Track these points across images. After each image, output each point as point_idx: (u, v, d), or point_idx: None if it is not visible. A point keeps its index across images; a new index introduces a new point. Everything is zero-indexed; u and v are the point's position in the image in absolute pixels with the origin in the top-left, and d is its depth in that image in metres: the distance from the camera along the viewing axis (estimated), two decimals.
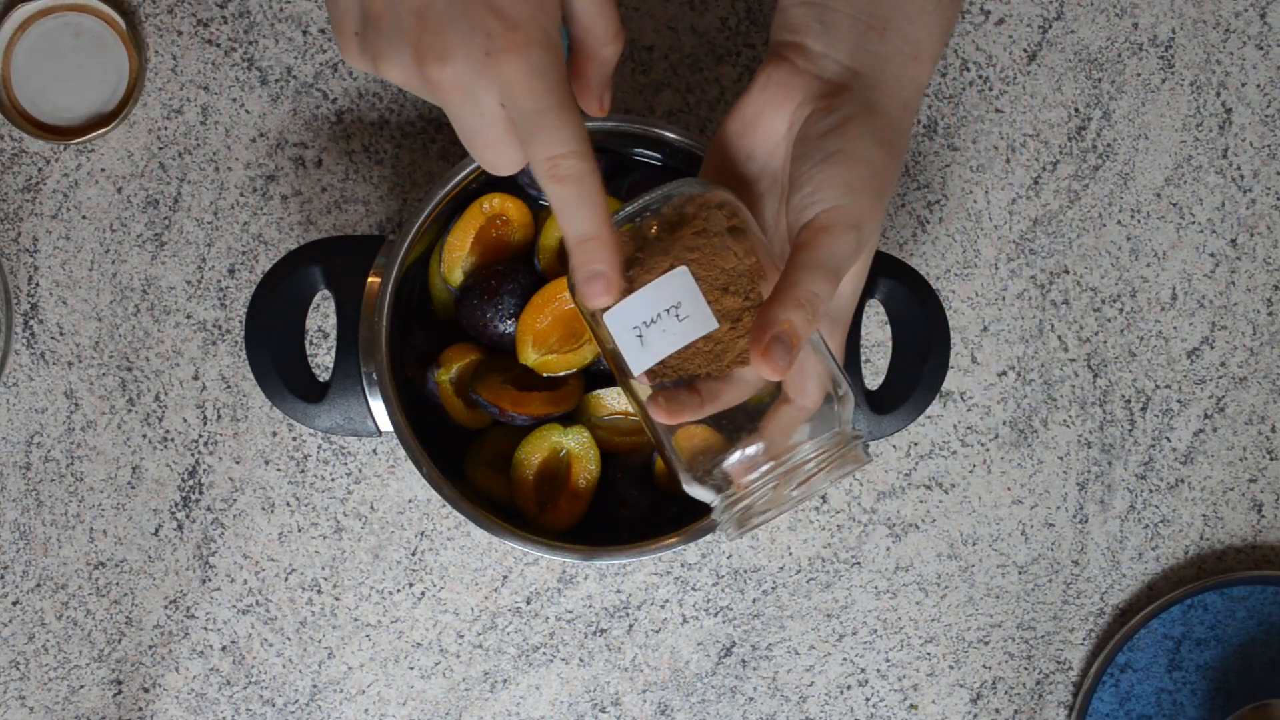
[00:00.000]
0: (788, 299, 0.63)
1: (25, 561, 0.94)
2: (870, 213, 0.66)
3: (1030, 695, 0.95)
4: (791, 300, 0.63)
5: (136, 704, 0.94)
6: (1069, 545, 0.95)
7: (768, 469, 0.66)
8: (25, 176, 0.94)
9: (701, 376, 0.66)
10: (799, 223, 0.66)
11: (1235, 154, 0.96)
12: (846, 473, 0.66)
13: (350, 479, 0.94)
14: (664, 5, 0.94)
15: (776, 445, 0.66)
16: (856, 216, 0.65)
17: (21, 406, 0.94)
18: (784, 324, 0.62)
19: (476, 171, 0.83)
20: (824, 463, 0.65)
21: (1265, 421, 0.96)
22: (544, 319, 0.83)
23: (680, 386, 0.66)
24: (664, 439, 0.68)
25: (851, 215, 0.65)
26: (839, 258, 0.64)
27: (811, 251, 0.64)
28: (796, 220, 0.66)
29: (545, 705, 0.95)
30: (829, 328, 0.72)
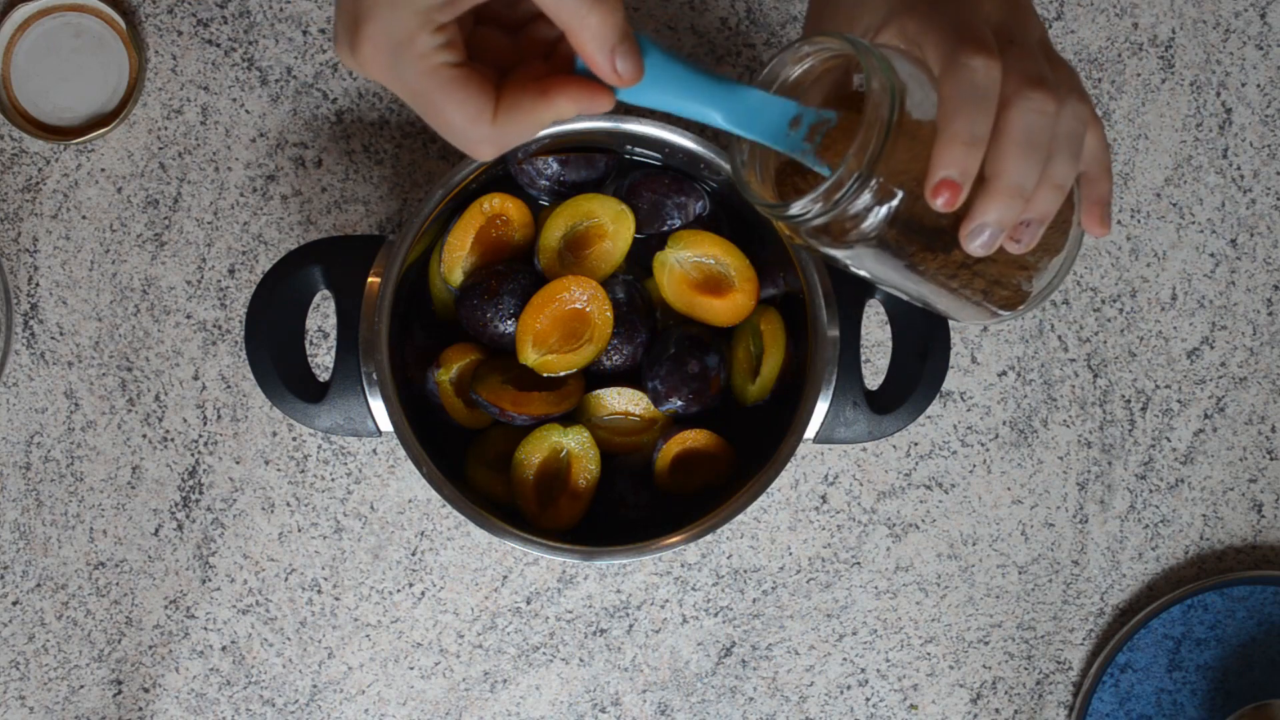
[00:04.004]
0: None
1: (25, 561, 0.94)
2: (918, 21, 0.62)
3: (1030, 695, 0.95)
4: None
5: (136, 704, 0.94)
6: (1069, 545, 0.95)
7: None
8: (25, 176, 0.94)
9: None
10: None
11: (1235, 154, 0.96)
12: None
13: (350, 479, 0.94)
14: (664, 5, 0.94)
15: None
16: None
17: (21, 406, 0.94)
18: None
19: (477, 171, 0.83)
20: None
21: (1265, 421, 0.96)
22: (544, 319, 0.83)
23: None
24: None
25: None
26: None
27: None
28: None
29: (545, 705, 0.95)
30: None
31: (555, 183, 0.85)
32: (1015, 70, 0.61)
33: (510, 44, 0.63)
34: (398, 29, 0.58)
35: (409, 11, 0.58)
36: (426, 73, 0.59)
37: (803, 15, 0.94)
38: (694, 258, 0.85)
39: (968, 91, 0.60)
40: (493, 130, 0.60)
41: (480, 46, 0.62)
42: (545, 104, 0.60)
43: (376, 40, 0.59)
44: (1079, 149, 0.62)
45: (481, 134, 0.60)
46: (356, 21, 0.59)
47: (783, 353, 0.84)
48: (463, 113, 0.59)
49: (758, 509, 0.95)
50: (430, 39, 0.59)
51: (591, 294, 0.83)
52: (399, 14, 0.58)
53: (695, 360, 0.84)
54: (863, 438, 0.84)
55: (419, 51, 0.59)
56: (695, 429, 0.85)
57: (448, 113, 0.59)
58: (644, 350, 0.85)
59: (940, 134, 0.60)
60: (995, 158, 0.60)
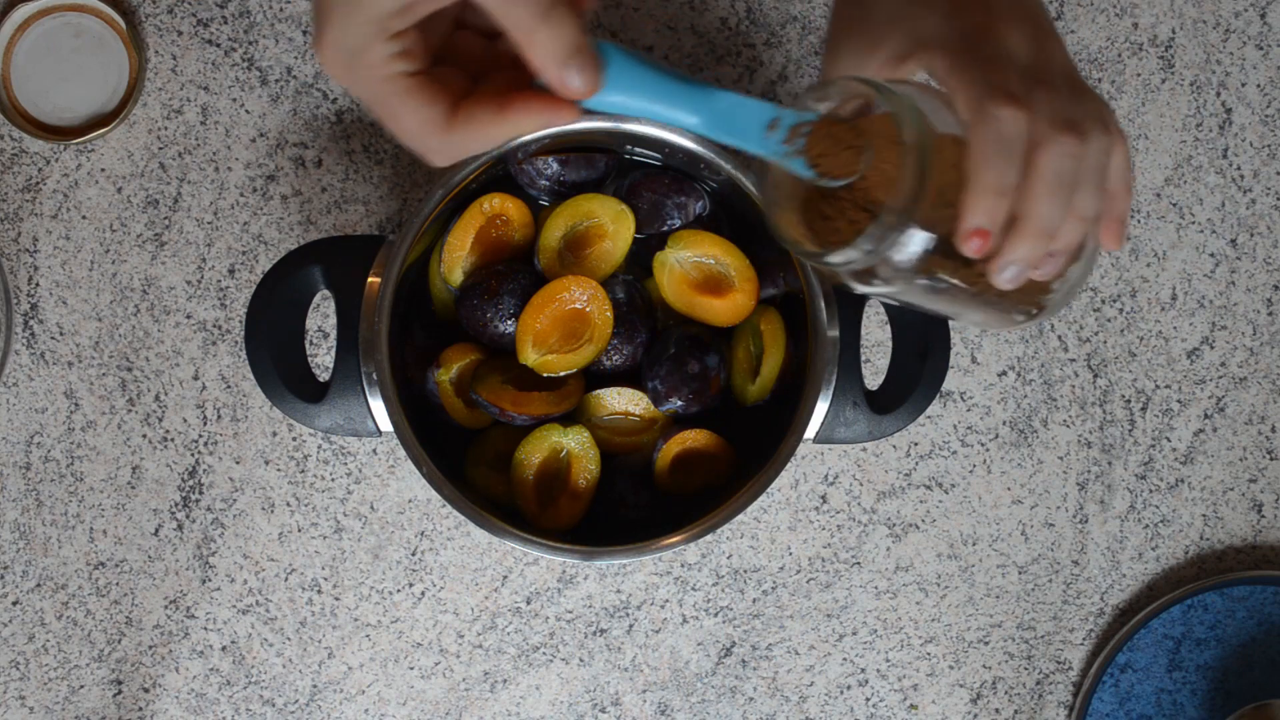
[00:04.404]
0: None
1: (25, 561, 0.94)
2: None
3: (1030, 695, 0.95)
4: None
5: (136, 704, 0.94)
6: (1069, 545, 0.95)
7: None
8: (25, 176, 0.94)
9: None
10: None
11: (1235, 154, 0.96)
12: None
13: (350, 479, 0.94)
14: (664, 5, 0.94)
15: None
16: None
17: (21, 406, 0.94)
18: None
19: (477, 171, 0.83)
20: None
21: (1265, 421, 0.96)
22: (544, 319, 0.83)
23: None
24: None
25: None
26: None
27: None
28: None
29: (545, 705, 0.95)
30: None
31: (555, 183, 0.85)
32: (1044, 114, 0.61)
33: (487, 50, 0.63)
34: (353, 36, 0.59)
35: (363, 19, 0.58)
36: (381, 80, 0.59)
37: (802, 15, 0.94)
38: (694, 258, 0.85)
39: (997, 142, 0.61)
40: (445, 141, 0.60)
41: (457, 51, 0.62)
42: (501, 119, 0.60)
43: (333, 46, 0.59)
44: (1104, 179, 0.63)
45: (434, 144, 0.60)
46: (317, 25, 0.59)
47: (783, 353, 0.84)
48: (416, 121, 0.59)
49: (758, 509, 0.95)
50: (385, 47, 0.59)
51: (591, 294, 0.83)
52: (353, 21, 0.58)
53: (695, 360, 0.84)
54: (863, 438, 0.84)
55: (374, 59, 0.59)
56: (695, 429, 0.85)
57: (402, 120, 0.60)
58: (644, 350, 0.85)
59: (971, 184, 0.61)
60: (1025, 200, 0.61)
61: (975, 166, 0.61)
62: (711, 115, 0.63)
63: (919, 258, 0.62)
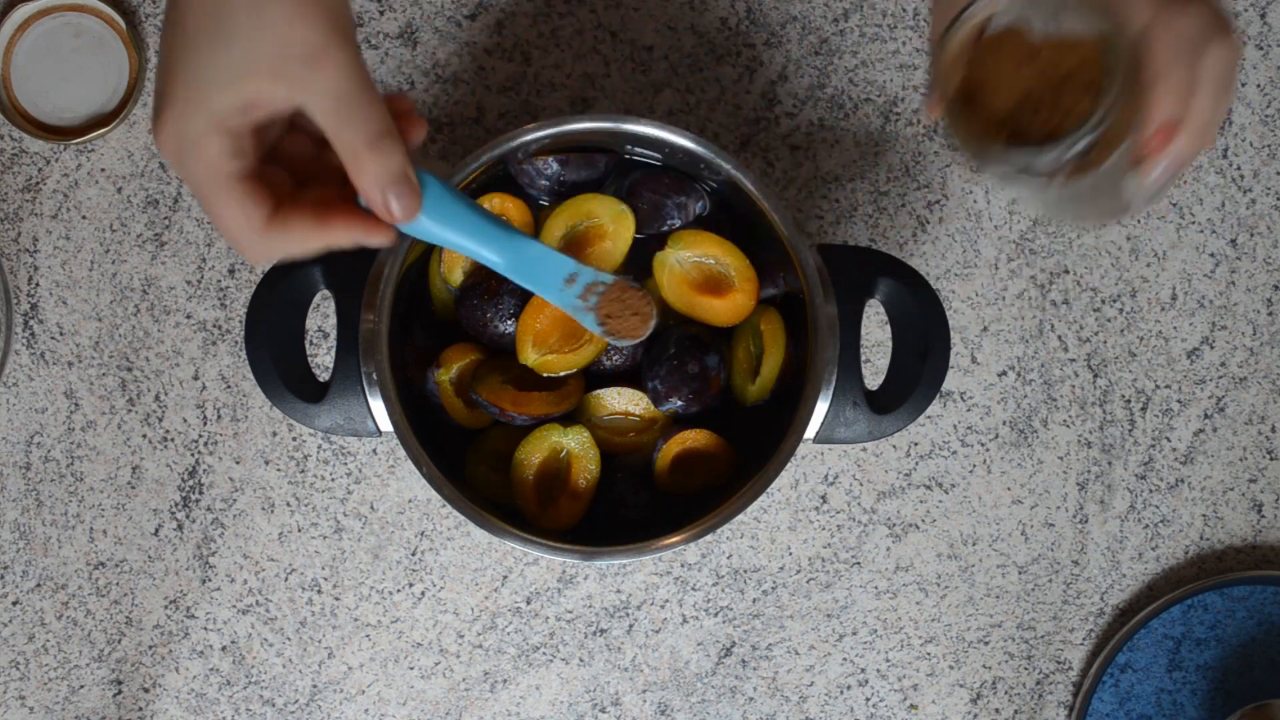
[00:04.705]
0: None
1: (25, 561, 0.94)
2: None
3: (1030, 695, 0.95)
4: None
5: (136, 704, 0.94)
6: (1069, 545, 0.95)
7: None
8: (25, 176, 0.94)
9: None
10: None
11: (1235, 154, 0.96)
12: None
13: (350, 479, 0.94)
14: (664, 5, 0.94)
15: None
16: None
17: (21, 406, 0.94)
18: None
19: (477, 171, 0.83)
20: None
21: (1265, 421, 0.96)
22: (544, 319, 0.83)
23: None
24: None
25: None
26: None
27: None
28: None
29: (545, 705, 0.95)
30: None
31: (555, 183, 0.85)
32: (1207, 17, 0.66)
33: (314, 154, 0.66)
34: (191, 127, 0.61)
35: (203, 113, 0.61)
36: (210, 174, 0.61)
37: (802, 15, 0.94)
38: (694, 258, 0.85)
39: (1179, 44, 0.65)
40: (261, 241, 0.62)
41: (286, 151, 0.65)
42: (321, 231, 0.63)
43: (171, 131, 0.61)
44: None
45: (249, 241, 0.63)
46: (157, 110, 0.61)
47: (783, 353, 0.84)
48: (235, 218, 0.62)
49: (758, 509, 0.95)
50: (219, 142, 0.61)
51: None
52: (194, 114, 0.61)
53: (695, 360, 0.84)
54: (863, 438, 0.84)
55: (207, 152, 0.61)
56: (695, 429, 0.85)
57: (223, 214, 0.62)
58: (644, 350, 0.85)
59: (1158, 83, 0.65)
60: (1194, 99, 0.66)
61: (1160, 66, 0.65)
62: (516, 260, 0.68)
63: (1080, 151, 0.66)
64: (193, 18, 0.60)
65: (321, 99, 0.60)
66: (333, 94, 0.60)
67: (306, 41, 0.60)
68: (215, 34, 0.60)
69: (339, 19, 0.61)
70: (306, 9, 0.60)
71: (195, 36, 0.60)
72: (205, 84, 0.60)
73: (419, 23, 0.94)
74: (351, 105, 0.61)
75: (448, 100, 0.94)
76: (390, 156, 0.62)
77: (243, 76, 0.60)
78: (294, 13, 0.59)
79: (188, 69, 0.60)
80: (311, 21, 0.60)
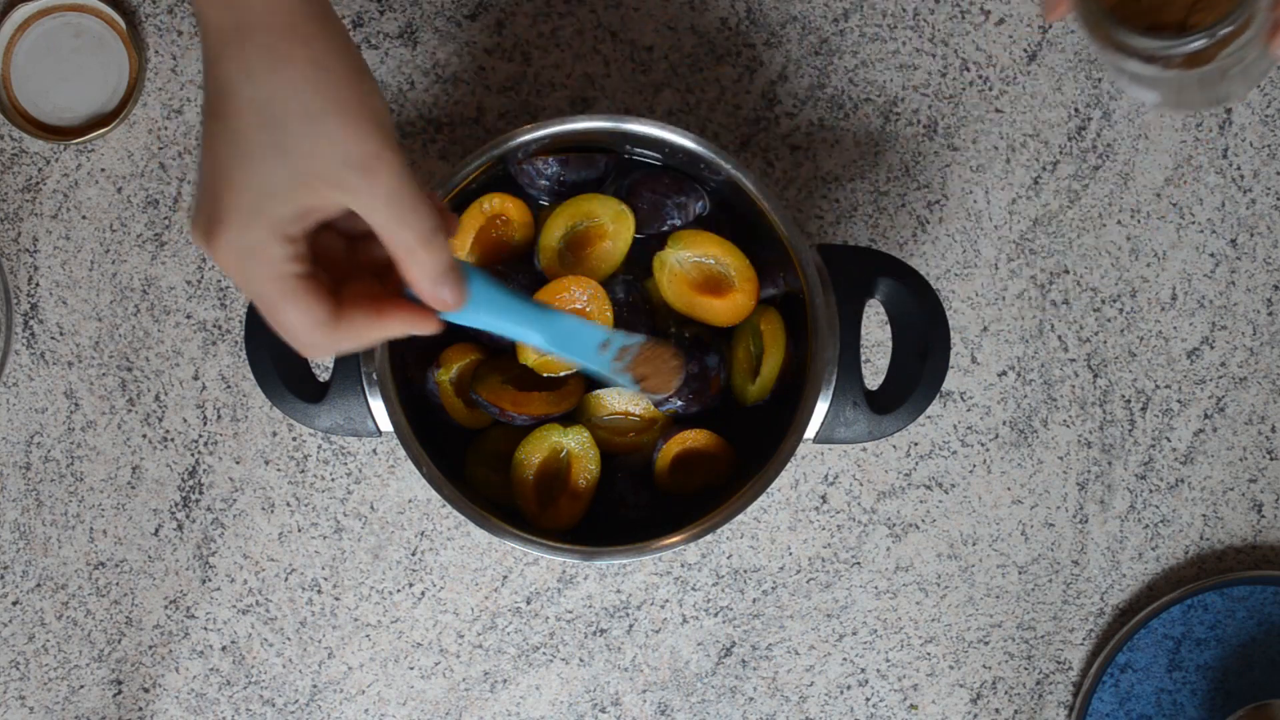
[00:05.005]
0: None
1: (25, 561, 0.94)
2: None
3: (1030, 695, 0.95)
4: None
5: (136, 704, 0.94)
6: (1069, 545, 0.95)
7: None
8: (25, 176, 0.94)
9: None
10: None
11: (1235, 154, 0.96)
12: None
13: (350, 479, 0.94)
14: (664, 5, 0.94)
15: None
16: None
17: (21, 406, 0.94)
18: None
19: (476, 171, 0.83)
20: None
21: (1265, 421, 0.96)
22: None
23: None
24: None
25: None
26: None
27: None
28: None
29: (545, 705, 0.95)
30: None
31: (555, 183, 0.85)
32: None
33: (347, 251, 0.68)
34: (251, 238, 0.63)
35: (263, 223, 0.63)
36: (273, 279, 0.64)
37: (802, 15, 0.95)
38: (694, 258, 0.85)
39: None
40: (328, 339, 0.65)
41: (319, 249, 0.67)
42: (379, 324, 0.66)
43: (231, 244, 0.63)
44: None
45: (317, 340, 0.65)
46: (213, 223, 0.63)
47: (783, 353, 0.84)
48: (304, 320, 0.64)
49: (758, 509, 0.95)
50: (280, 249, 0.63)
51: (591, 294, 0.83)
52: (254, 225, 0.63)
53: (695, 360, 0.84)
54: (863, 438, 0.84)
55: (269, 260, 0.63)
56: (695, 429, 0.85)
57: (289, 317, 0.64)
58: None
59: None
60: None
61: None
62: (553, 334, 0.73)
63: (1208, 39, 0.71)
64: (246, 128, 0.62)
65: (377, 203, 0.63)
66: (387, 198, 0.63)
67: (362, 151, 0.63)
68: (271, 145, 0.62)
69: (387, 125, 0.64)
70: (361, 120, 0.63)
71: (250, 147, 0.62)
72: (265, 195, 0.62)
73: (419, 23, 0.94)
74: (405, 207, 0.64)
75: (448, 100, 0.94)
76: (441, 251, 0.66)
77: (302, 186, 0.62)
78: (350, 124, 0.62)
79: (246, 181, 0.62)
80: (366, 131, 0.63)
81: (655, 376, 0.78)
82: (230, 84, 0.63)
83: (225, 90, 0.63)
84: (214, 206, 0.63)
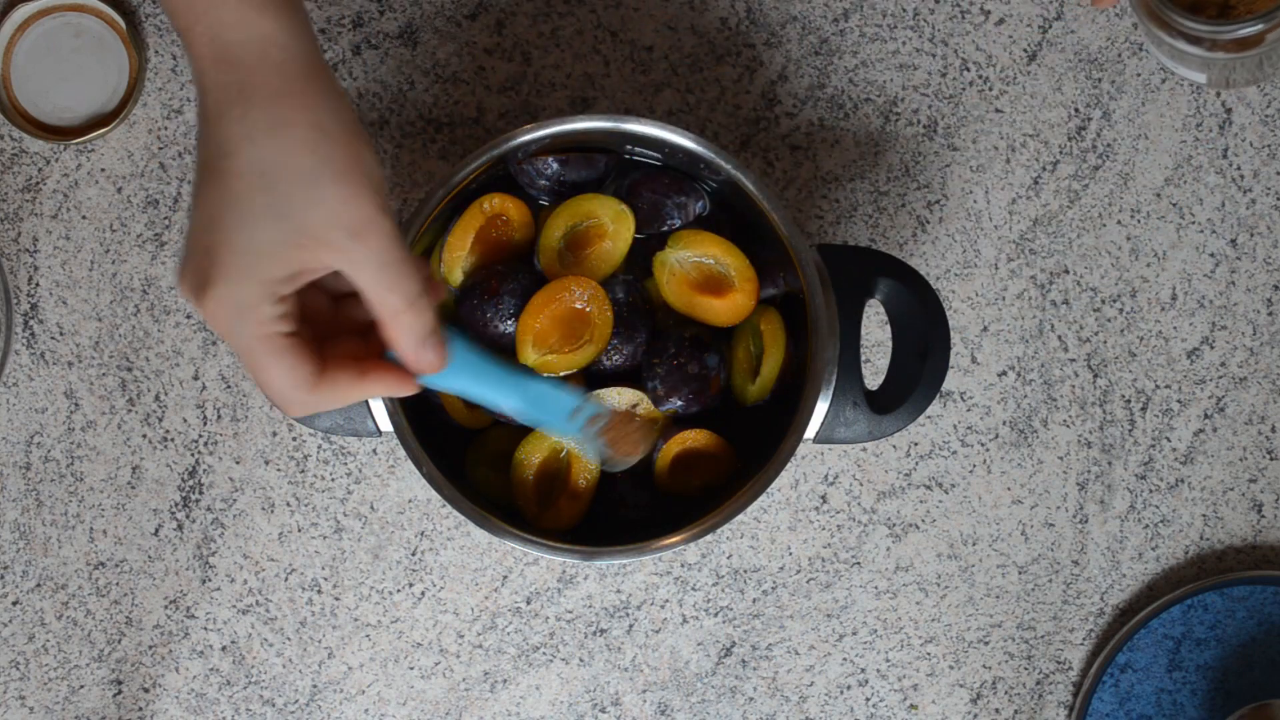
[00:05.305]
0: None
1: (25, 561, 0.94)
2: None
3: (1030, 695, 0.95)
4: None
5: (136, 704, 0.94)
6: (1069, 545, 0.95)
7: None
8: (25, 176, 0.94)
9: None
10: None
11: (1235, 154, 0.96)
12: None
13: (350, 479, 0.94)
14: (664, 5, 0.94)
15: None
16: None
17: (21, 406, 0.94)
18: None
19: (476, 171, 0.83)
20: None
21: (1265, 421, 0.96)
22: (544, 319, 0.83)
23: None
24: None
25: None
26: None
27: None
28: None
29: (545, 705, 0.95)
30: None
31: (555, 183, 0.85)
32: None
33: (330, 310, 0.70)
34: (243, 296, 0.64)
35: (255, 282, 0.64)
36: (261, 338, 0.65)
37: (802, 15, 0.95)
38: (694, 258, 0.85)
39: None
40: (310, 398, 0.67)
41: (305, 307, 0.68)
42: (360, 385, 0.68)
43: (222, 302, 0.64)
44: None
45: (299, 399, 0.67)
46: (205, 280, 0.64)
47: (783, 353, 0.84)
48: (288, 379, 0.66)
49: (758, 509, 0.95)
50: (271, 309, 0.64)
51: (591, 294, 0.83)
52: (246, 283, 0.64)
53: (695, 360, 0.84)
54: (863, 438, 0.84)
55: (258, 319, 0.64)
56: (695, 429, 0.85)
57: (273, 375, 0.66)
58: (644, 350, 0.85)
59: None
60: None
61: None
62: (526, 400, 0.76)
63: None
64: (243, 187, 0.63)
65: (367, 266, 0.65)
66: (377, 263, 0.65)
67: (356, 213, 0.64)
68: (269, 206, 0.63)
69: (381, 189, 0.65)
70: (357, 185, 0.64)
71: (246, 206, 0.63)
72: (259, 255, 0.63)
73: (419, 23, 0.94)
74: (393, 271, 0.65)
75: (448, 100, 0.94)
76: (426, 315, 0.67)
77: (295, 248, 0.63)
78: (345, 188, 0.64)
79: (240, 240, 0.63)
80: (361, 196, 0.64)
81: (622, 445, 0.80)
82: (231, 145, 0.64)
83: (225, 151, 0.64)
84: (208, 263, 0.64)
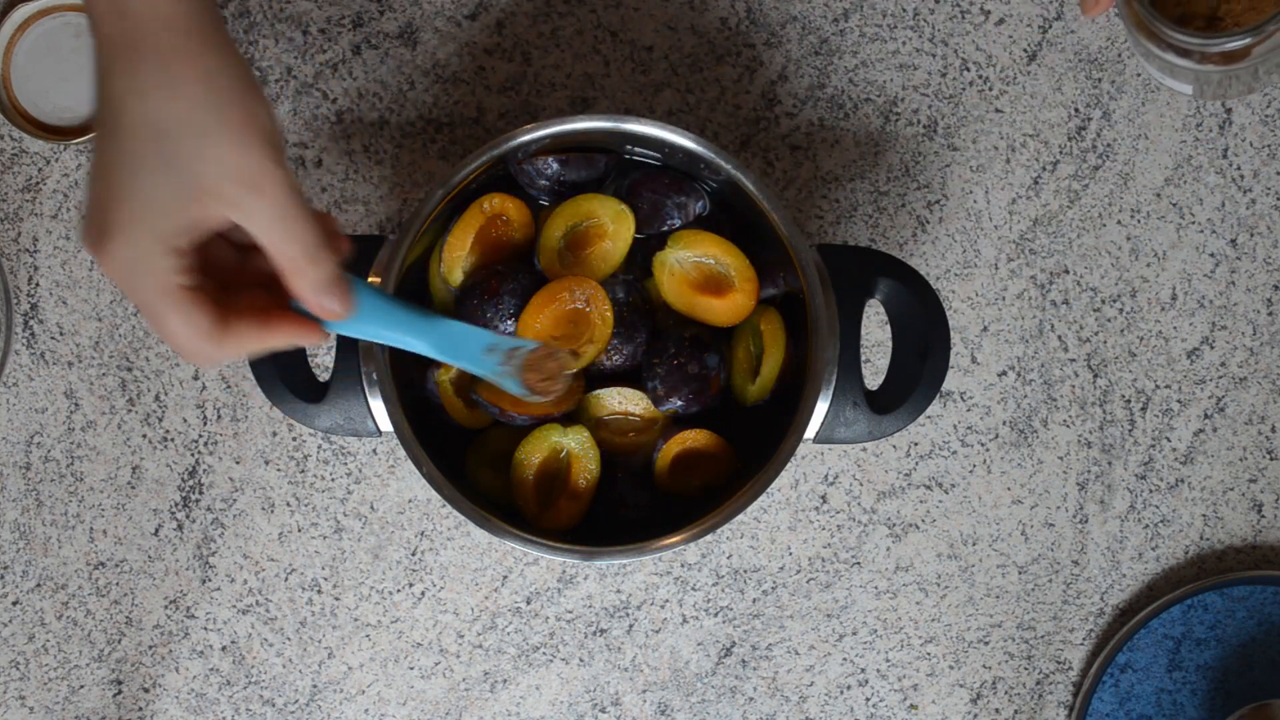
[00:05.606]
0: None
1: (25, 561, 0.94)
2: None
3: (1030, 695, 0.95)
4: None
5: (136, 704, 0.94)
6: (1069, 545, 0.95)
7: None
8: (25, 176, 0.94)
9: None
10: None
11: (1235, 154, 0.96)
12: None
13: (350, 479, 0.94)
14: (664, 5, 0.94)
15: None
16: None
17: (21, 406, 0.94)
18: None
19: (476, 171, 0.83)
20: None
21: (1265, 421, 0.96)
22: (544, 319, 0.83)
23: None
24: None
25: None
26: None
27: None
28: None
29: (545, 705, 0.95)
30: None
31: (555, 183, 0.85)
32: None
33: (237, 261, 0.70)
34: (138, 250, 0.64)
35: (151, 236, 0.64)
36: (159, 290, 0.65)
37: (802, 15, 0.95)
38: (694, 258, 0.85)
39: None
40: (213, 348, 0.67)
41: (211, 259, 0.68)
42: (265, 335, 0.69)
43: (118, 256, 0.65)
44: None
45: (201, 348, 0.67)
46: (102, 235, 0.65)
47: (783, 353, 0.84)
48: (188, 330, 0.66)
49: (758, 509, 0.95)
50: (166, 261, 0.65)
51: (591, 294, 0.83)
52: (141, 238, 0.64)
53: (695, 360, 0.84)
54: (863, 438, 0.84)
55: (155, 271, 0.65)
56: (695, 429, 0.85)
57: (173, 327, 0.66)
58: (644, 350, 0.85)
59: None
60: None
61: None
62: (439, 340, 0.76)
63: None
64: (133, 143, 0.64)
65: (263, 218, 0.65)
66: (273, 214, 0.65)
67: (249, 166, 0.64)
68: (160, 161, 0.63)
69: (275, 142, 0.65)
70: (248, 136, 0.64)
71: (140, 162, 0.64)
72: (152, 209, 0.64)
73: (419, 23, 0.94)
74: (290, 223, 0.65)
75: (448, 100, 0.94)
76: (326, 265, 0.67)
77: (189, 201, 0.64)
78: (238, 140, 0.64)
79: (133, 194, 0.64)
80: (253, 148, 0.64)
81: (541, 380, 0.79)
82: (122, 101, 0.64)
83: (117, 106, 0.64)
84: (104, 218, 0.65)
